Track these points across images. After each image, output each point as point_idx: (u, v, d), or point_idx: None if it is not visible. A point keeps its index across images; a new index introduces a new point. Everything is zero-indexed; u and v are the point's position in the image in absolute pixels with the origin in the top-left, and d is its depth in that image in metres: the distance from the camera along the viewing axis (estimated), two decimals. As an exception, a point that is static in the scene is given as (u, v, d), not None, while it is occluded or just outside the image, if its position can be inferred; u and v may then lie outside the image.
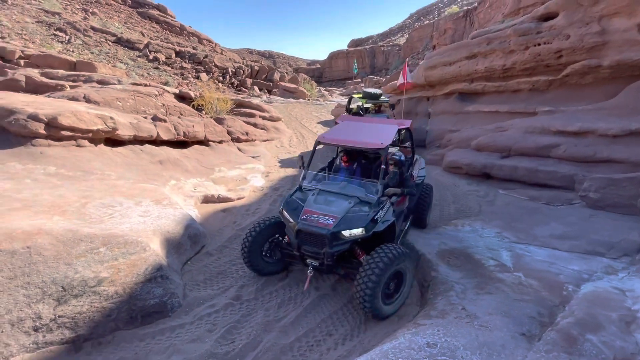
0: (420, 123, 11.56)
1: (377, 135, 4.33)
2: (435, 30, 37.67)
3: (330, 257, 3.64)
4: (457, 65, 10.06)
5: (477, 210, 6.63)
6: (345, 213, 3.63)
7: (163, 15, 37.50)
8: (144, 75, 22.87)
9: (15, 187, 4.93)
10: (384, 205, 3.78)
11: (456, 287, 3.60)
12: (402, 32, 56.58)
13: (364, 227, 3.52)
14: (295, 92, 25.92)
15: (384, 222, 3.70)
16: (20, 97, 7.53)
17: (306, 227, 3.62)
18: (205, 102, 12.44)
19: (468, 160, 8.29)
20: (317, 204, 3.84)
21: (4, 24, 22.53)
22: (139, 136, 7.69)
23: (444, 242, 4.98)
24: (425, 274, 4.19)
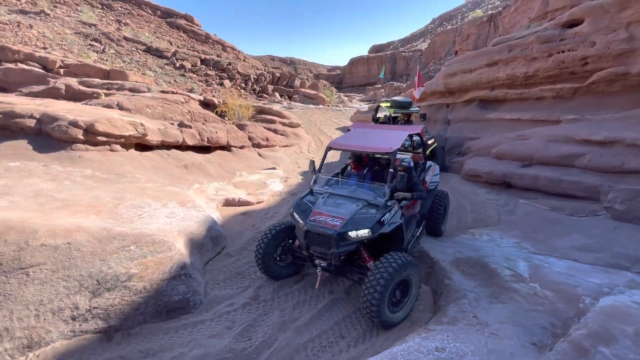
0: (439, 130, 11.49)
1: (386, 140, 4.39)
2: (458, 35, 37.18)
3: (337, 258, 3.71)
4: (478, 73, 9.97)
5: (496, 219, 6.54)
6: (352, 215, 3.69)
7: (190, 25, 39.11)
8: (170, 82, 23.94)
9: (57, 188, 5.38)
10: (391, 208, 3.83)
11: (469, 295, 3.62)
12: (424, 37, 56.12)
13: (370, 228, 3.58)
14: (315, 98, 26.27)
15: (390, 225, 3.75)
16: (62, 105, 8.17)
17: (314, 227, 3.71)
18: (228, 109, 12.92)
19: (488, 169, 8.18)
20: (326, 206, 3.93)
21: (46, 36, 24.28)
22: (166, 141, 8.13)
23: (459, 250, 4.98)
24: (439, 282, 4.22)
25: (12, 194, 4.95)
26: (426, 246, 4.98)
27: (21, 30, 23.87)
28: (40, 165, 5.99)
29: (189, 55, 29.49)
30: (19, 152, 6.26)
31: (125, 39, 28.56)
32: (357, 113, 18.42)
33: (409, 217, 4.36)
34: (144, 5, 38.63)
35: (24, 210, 4.54)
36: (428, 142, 8.92)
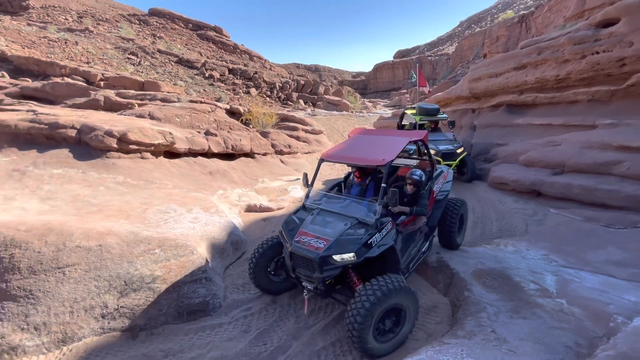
0: (464, 136, 11.17)
1: (381, 149, 4.00)
2: (487, 38, 36.06)
3: (322, 282, 3.43)
4: (504, 77, 9.63)
5: (523, 229, 6.25)
6: (338, 236, 3.39)
7: (219, 36, 40.77)
8: (200, 91, 25.01)
9: (92, 193, 5.79)
10: (382, 228, 3.49)
11: (489, 308, 3.49)
12: (451, 40, 54.91)
13: (354, 252, 3.26)
14: (339, 104, 26.39)
15: (379, 247, 3.39)
16: (99, 116, 8.80)
17: (298, 249, 3.47)
18: (252, 117, 13.30)
19: (515, 176, 7.84)
20: (313, 224, 3.65)
21: (89, 51, 26.24)
22: (193, 149, 8.52)
23: (481, 261, 4.81)
24: (458, 293, 4.10)
25: (54, 199, 5.40)
26: (446, 256, 4.85)
27: (68, 46, 25.99)
28: (79, 172, 6.48)
29: (217, 65, 30.69)
30: (62, 159, 6.80)
31: (159, 51, 30.26)
32: (381, 119, 18.28)
33: (409, 234, 4.00)
34: (177, 19, 40.79)
35: (63, 213, 4.93)
36: (457, 151, 8.69)
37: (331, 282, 3.54)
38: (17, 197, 5.34)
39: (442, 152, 8.52)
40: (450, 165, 8.57)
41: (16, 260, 3.84)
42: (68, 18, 34.37)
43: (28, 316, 3.60)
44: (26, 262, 3.88)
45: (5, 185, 5.69)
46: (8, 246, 3.94)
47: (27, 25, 29.63)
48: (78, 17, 35.20)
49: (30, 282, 3.79)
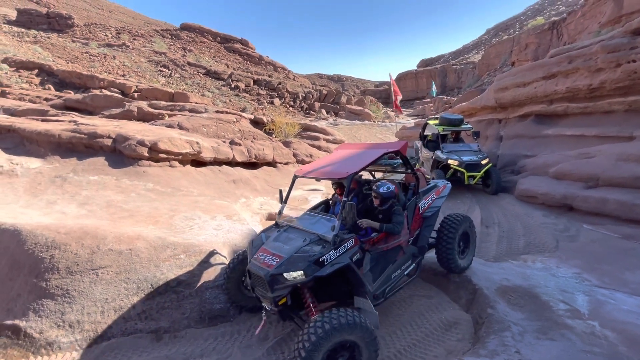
0: (490, 147, 10.86)
1: (349, 163, 3.84)
2: (515, 46, 35.09)
3: (274, 302, 3.20)
4: (533, 86, 9.34)
5: (552, 245, 5.96)
6: (293, 252, 3.20)
7: (245, 48, 42.23)
8: (226, 102, 25.91)
9: (124, 199, 6.13)
10: (341, 245, 3.22)
11: (513, 328, 3.35)
12: (478, 49, 53.87)
13: (303, 269, 3.01)
14: (361, 114, 26.44)
15: (332, 265, 3.10)
16: (132, 126, 9.34)
17: (253, 267, 3.33)
18: (275, 127, 13.61)
19: (545, 189, 7.52)
20: (275, 241, 3.50)
21: (126, 65, 27.95)
22: (218, 158, 8.83)
23: (507, 277, 4.63)
24: (480, 310, 3.96)
25: (90, 204, 5.77)
26: (468, 271, 4.71)
27: (107, 60, 27.84)
28: (113, 179, 6.89)
29: (243, 76, 31.73)
30: (98, 167, 7.26)
31: (189, 64, 31.74)
32: (403, 129, 18.13)
33: (382, 254, 3.63)
34: (206, 33, 42.69)
35: (98, 218, 5.26)
36: (482, 162, 8.46)
37: (286, 302, 3.21)
38: (58, 201, 5.75)
39: (465, 163, 8.33)
40: (474, 177, 8.35)
41: (55, 261, 4.13)
42: (108, 34, 36.86)
43: (64, 314, 3.84)
44: (64, 262, 4.16)
45: (48, 190, 6.14)
46: (49, 247, 4.25)
47: (72, 41, 32.06)
48: (117, 33, 37.67)
49: (67, 282, 4.06)
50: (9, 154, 7.28)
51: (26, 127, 7.92)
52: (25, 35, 30.46)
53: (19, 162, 6.92)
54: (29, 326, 3.80)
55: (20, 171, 6.69)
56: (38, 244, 4.27)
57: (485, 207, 7.92)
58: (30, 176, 6.60)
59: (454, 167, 8.43)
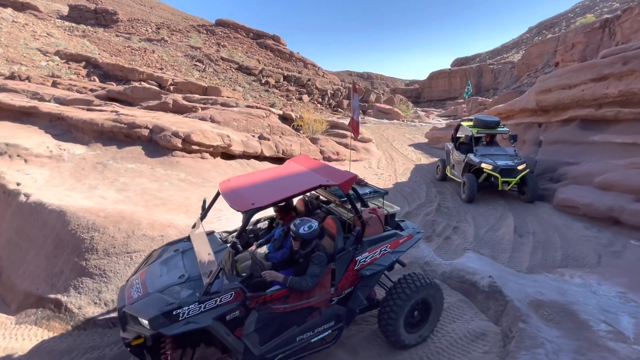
0: (528, 152, 10.27)
1: (268, 190, 3.12)
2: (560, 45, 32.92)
3: (125, 344, 2.70)
4: (580, 89, 8.70)
5: (594, 261, 5.55)
6: (158, 290, 2.65)
7: (276, 44, 42.69)
8: (256, 97, 26.38)
9: (158, 188, 6.40)
10: (213, 298, 2.56)
11: (547, 345, 3.16)
12: (517, 48, 51.17)
13: (149, 319, 2.44)
14: (390, 113, 25.97)
15: (188, 324, 2.47)
16: (168, 117, 9.72)
17: (120, 290, 2.95)
18: (303, 123, 13.66)
19: (588, 200, 7.00)
20: (162, 265, 3.03)
21: (163, 59, 29.17)
22: (247, 152, 9.01)
23: (541, 291, 4.37)
24: (511, 324, 3.77)
25: (127, 190, 6.08)
26: (499, 281, 4.49)
27: (146, 54, 29.19)
28: (148, 167, 7.21)
29: (273, 72, 32.12)
30: (135, 156, 7.64)
31: (222, 59, 32.57)
32: (434, 129, 17.59)
33: (284, 315, 2.86)
34: (240, 29, 43.58)
35: (133, 204, 5.53)
36: (518, 168, 7.99)
37: (144, 343, 2.63)
38: (98, 186, 6.11)
39: (500, 168, 7.93)
40: (509, 182, 7.93)
41: (95, 242, 4.39)
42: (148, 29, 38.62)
43: (100, 292, 4.08)
44: (102, 244, 4.41)
45: (90, 175, 6.54)
46: (90, 229, 4.52)
47: (116, 36, 33.90)
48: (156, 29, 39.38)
49: (104, 263, 4.31)
50: (58, 140, 7.83)
51: (73, 116, 8.48)
52: (75, 30, 32.59)
53: (66, 148, 7.42)
54: (69, 301, 4.08)
55: (66, 156, 7.17)
56: (80, 226, 4.56)
57: (519, 215, 7.52)
58: (75, 161, 7.06)
59: (487, 172, 8.05)
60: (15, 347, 3.68)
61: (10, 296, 4.47)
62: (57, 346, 3.69)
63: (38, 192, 5.39)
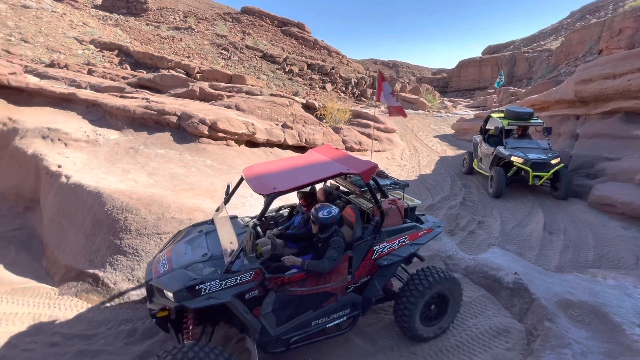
0: (562, 146, 9.73)
1: (289, 176, 3.15)
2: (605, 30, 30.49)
3: (150, 313, 2.93)
4: (626, 79, 8.07)
5: (631, 262, 5.25)
6: (183, 266, 2.81)
7: (301, 32, 42.32)
8: (279, 85, 26.42)
9: (185, 173, 6.63)
10: (233, 277, 2.66)
11: (575, 346, 3.05)
12: (556, 34, 47.96)
13: (174, 292, 2.57)
14: (415, 102, 25.29)
15: (209, 299, 2.60)
16: (195, 105, 9.97)
17: (148, 265, 3.11)
18: (326, 112, 13.59)
19: (627, 198, 6.58)
20: (186, 244, 3.20)
21: (190, 47, 29.71)
22: (270, 140, 9.11)
23: (570, 291, 4.21)
24: (537, 322, 3.66)
25: (156, 175, 6.34)
26: (526, 278, 4.36)
27: (174, 43, 29.82)
28: (177, 153, 7.47)
29: (297, 60, 31.97)
30: (164, 141, 7.92)
31: (247, 47, 32.74)
32: (461, 121, 16.99)
33: (299, 298, 2.93)
34: (265, 17, 43.49)
35: (163, 188, 5.77)
36: (551, 162, 7.58)
37: (168, 316, 2.85)
38: (131, 170, 6.41)
39: (532, 162, 7.56)
40: (540, 177, 7.57)
41: (128, 223, 4.65)
42: (176, 18, 39.35)
43: (133, 270, 4.34)
44: (135, 225, 4.66)
45: (123, 159, 6.87)
46: (123, 210, 4.78)
47: (146, 24, 34.79)
48: (184, 17, 40.03)
49: (137, 242, 4.55)
50: (94, 125, 8.25)
51: (108, 102, 8.87)
52: (108, 19, 33.74)
53: (101, 133, 7.81)
54: (105, 277, 4.37)
55: (102, 141, 7.55)
56: (115, 207, 4.83)
57: (549, 211, 7.20)
58: (110, 146, 7.43)
59: (518, 165, 7.70)
60: (59, 316, 4.01)
61: (53, 269, 4.84)
62: (95, 317, 3.98)
63: (77, 174, 5.74)
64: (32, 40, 20.75)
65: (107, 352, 3.49)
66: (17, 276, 4.65)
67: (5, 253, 5.24)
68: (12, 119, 7.50)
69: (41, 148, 6.64)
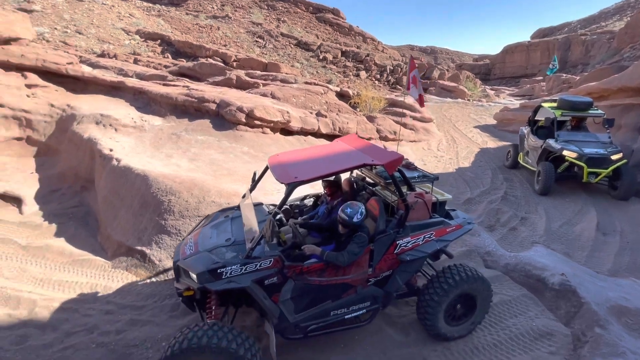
0: (623, 139, 8.81)
1: (312, 166, 3.16)
2: (679, 9, 26.81)
3: (177, 291, 3.16)
4: None
5: (700, 270, 4.73)
6: (208, 249, 2.94)
7: (336, 18, 41.51)
8: (313, 73, 26.29)
9: (224, 159, 6.86)
10: (253, 262, 2.74)
11: (630, 356, 2.83)
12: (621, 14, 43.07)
13: (197, 274, 2.72)
14: (454, 90, 24.10)
15: (229, 282, 2.69)
16: (233, 93, 10.21)
17: (177, 246, 3.32)
18: (360, 100, 13.35)
19: (699, 198, 5.88)
20: (213, 228, 3.37)
21: (227, 35, 30.31)
22: (304, 128, 9.14)
23: (625, 297, 3.88)
24: (585, 327, 3.44)
25: (197, 160, 6.62)
26: (574, 280, 4.07)
27: (212, 31, 30.56)
28: (215, 140, 7.73)
29: (331, 47, 31.52)
30: (204, 128, 8.23)
31: (282, 34, 32.78)
32: (504, 110, 15.96)
33: (318, 287, 2.95)
34: (300, 3, 43.09)
35: (203, 173, 6.03)
36: (611, 157, 6.88)
37: (194, 295, 3.05)
38: (173, 155, 6.75)
39: (587, 157, 6.89)
40: (597, 174, 6.91)
41: (172, 205, 4.92)
42: (214, 6, 40.15)
43: (176, 249, 4.60)
44: (178, 207, 4.93)
45: (166, 145, 7.24)
46: (167, 193, 5.06)
47: (186, 14, 35.89)
48: (221, 6, 40.75)
49: (179, 224, 4.82)
50: (140, 112, 8.74)
51: (152, 90, 9.34)
52: (152, 10, 35.20)
53: (147, 120, 8.27)
54: (151, 254, 4.68)
55: (147, 127, 7.99)
56: (160, 189, 5.13)
57: (604, 210, 6.63)
58: (154, 132, 7.85)
59: (570, 160, 7.06)
60: (112, 287, 4.38)
61: (107, 244, 5.28)
62: (143, 290, 4.31)
63: (126, 158, 6.14)
64: (85, 32, 22.21)
65: (154, 322, 3.77)
66: (77, 249, 5.12)
67: (66, 228, 5.79)
68: (70, 105, 8.14)
69: (95, 133, 7.16)
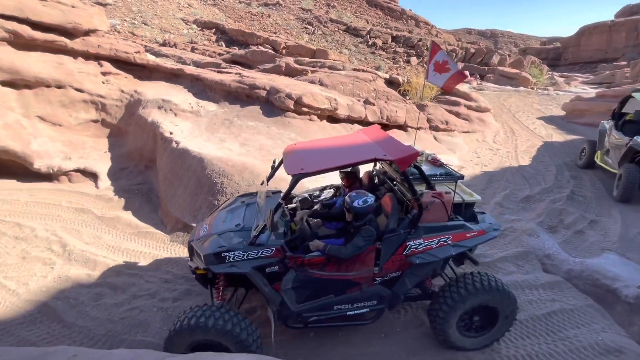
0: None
1: (323, 157, 3.19)
2: None
3: (190, 269, 3.36)
4: None
5: None
6: (219, 233, 3.10)
7: (387, 2, 39.82)
8: (361, 60, 25.70)
9: (272, 145, 7.06)
10: (255, 250, 2.83)
11: None
12: None
13: (204, 255, 2.89)
14: (516, 78, 22.08)
15: (231, 267, 2.81)
16: (282, 80, 10.37)
17: (195, 229, 3.57)
18: (411, 88, 12.81)
19: None
20: (228, 213, 3.51)
21: (277, 23, 30.67)
22: (351, 116, 9.04)
23: None
24: None
25: (247, 145, 6.89)
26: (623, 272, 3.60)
27: (263, 19, 31.12)
28: (265, 126, 7.97)
29: (381, 32, 30.43)
30: (254, 115, 8.51)
31: (330, 20, 32.34)
32: (576, 100, 14.25)
33: (317, 279, 2.93)
34: (351, -13, 41.97)
35: (253, 157, 6.27)
36: None
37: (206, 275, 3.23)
38: (226, 139, 7.09)
39: None
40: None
41: (224, 186, 5.20)
42: (266, -6, 40.69)
43: (228, 229, 4.87)
44: (229, 189, 5.20)
45: (220, 130, 7.63)
46: (220, 175, 5.35)
47: (239, 2, 36.89)
48: (273, -7, 41.15)
49: (231, 205, 5.07)
50: (197, 98, 9.27)
51: (207, 77, 9.82)
52: None
53: (202, 105, 8.75)
54: (205, 231, 5.00)
55: (203, 112, 8.47)
56: (214, 172, 5.44)
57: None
58: (209, 117, 8.30)
59: None
60: (171, 258, 4.80)
61: (166, 219, 5.77)
62: (197, 264, 4.66)
63: (184, 141, 6.59)
64: (149, 22, 23.91)
65: (206, 294, 4.07)
66: (141, 222, 5.67)
67: (132, 202, 6.43)
68: (137, 91, 8.89)
69: (157, 117, 7.76)
